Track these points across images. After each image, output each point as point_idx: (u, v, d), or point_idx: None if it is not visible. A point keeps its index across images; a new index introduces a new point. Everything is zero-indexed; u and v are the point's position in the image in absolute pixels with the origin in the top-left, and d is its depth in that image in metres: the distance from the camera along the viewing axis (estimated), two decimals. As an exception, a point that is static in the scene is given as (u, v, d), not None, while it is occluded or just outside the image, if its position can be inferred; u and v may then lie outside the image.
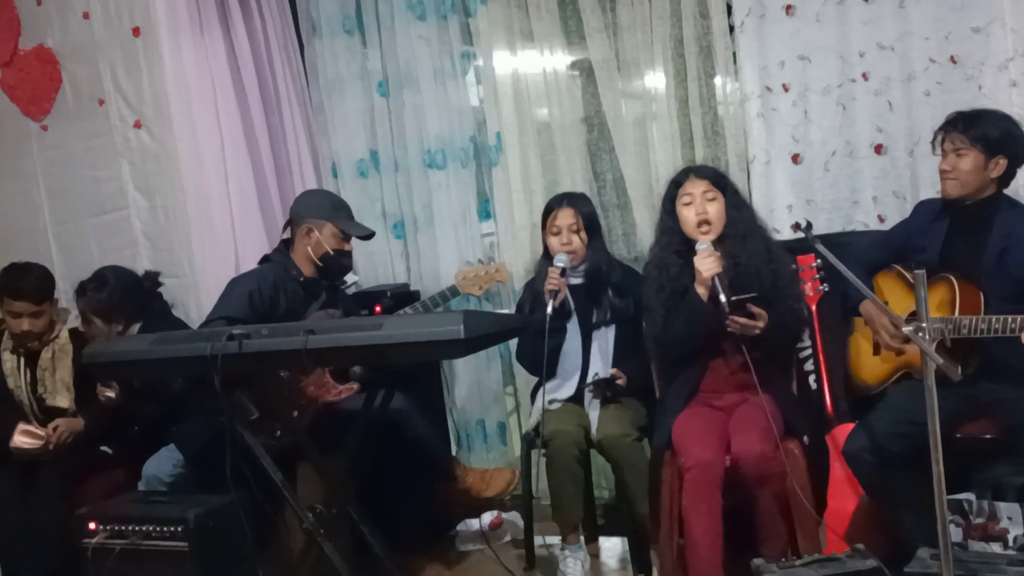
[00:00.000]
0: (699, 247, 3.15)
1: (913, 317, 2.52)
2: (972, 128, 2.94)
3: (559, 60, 4.10)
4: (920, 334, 2.22)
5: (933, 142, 3.05)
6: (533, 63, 4.13)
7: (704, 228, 3.18)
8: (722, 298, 3.02)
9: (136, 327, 3.75)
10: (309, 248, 3.54)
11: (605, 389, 3.40)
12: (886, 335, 3.06)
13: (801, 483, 3.01)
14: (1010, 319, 2.70)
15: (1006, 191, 3.03)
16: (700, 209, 3.19)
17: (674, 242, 3.25)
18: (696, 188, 3.22)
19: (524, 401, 4.12)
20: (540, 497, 3.59)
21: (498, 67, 4.16)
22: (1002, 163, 2.94)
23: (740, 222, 3.23)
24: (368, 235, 3.68)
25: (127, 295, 3.78)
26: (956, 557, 2.40)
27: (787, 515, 3.02)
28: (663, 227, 3.32)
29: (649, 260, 3.38)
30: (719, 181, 3.25)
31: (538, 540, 3.60)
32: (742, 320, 3.07)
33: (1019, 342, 2.70)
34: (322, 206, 3.60)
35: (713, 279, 3.06)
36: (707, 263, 3.09)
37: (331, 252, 3.54)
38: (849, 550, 2.65)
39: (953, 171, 2.97)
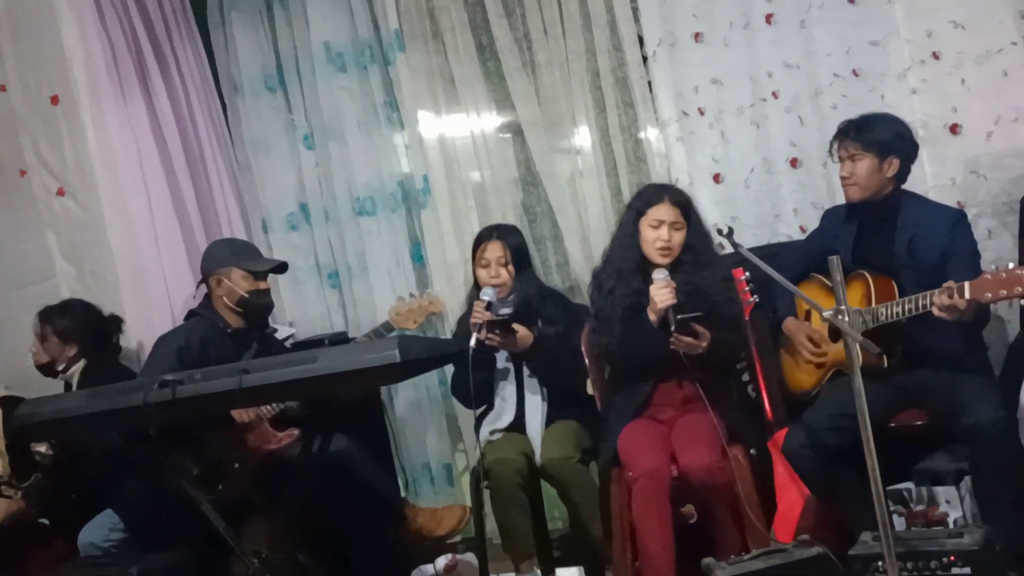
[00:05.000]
0: (656, 276, 3.14)
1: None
2: (863, 134, 3.07)
3: (479, 97, 4.15)
4: (840, 316, 2.28)
5: (830, 151, 3.17)
6: (453, 103, 4.19)
7: (664, 253, 3.20)
8: (673, 328, 3.04)
9: (81, 364, 3.76)
10: (224, 298, 3.53)
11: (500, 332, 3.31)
12: (806, 351, 3.17)
13: (748, 489, 3.03)
14: (921, 296, 2.78)
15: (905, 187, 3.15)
16: (666, 237, 3.18)
17: (632, 257, 3.24)
18: (667, 215, 3.19)
19: (469, 440, 4.10)
20: (493, 538, 3.56)
21: (420, 111, 4.21)
22: (895, 163, 3.07)
23: (701, 252, 3.24)
24: (278, 267, 3.67)
25: (89, 324, 3.85)
26: (897, 536, 2.45)
27: (738, 520, 3.03)
28: (623, 241, 3.29)
29: (601, 268, 3.36)
30: (687, 211, 3.24)
31: (494, 579, 3.55)
32: (686, 339, 3.06)
33: (937, 327, 2.79)
34: (223, 254, 3.61)
35: (667, 310, 3.06)
36: (662, 294, 3.09)
37: (245, 295, 3.52)
38: (795, 540, 2.68)
39: (851, 176, 3.09)
